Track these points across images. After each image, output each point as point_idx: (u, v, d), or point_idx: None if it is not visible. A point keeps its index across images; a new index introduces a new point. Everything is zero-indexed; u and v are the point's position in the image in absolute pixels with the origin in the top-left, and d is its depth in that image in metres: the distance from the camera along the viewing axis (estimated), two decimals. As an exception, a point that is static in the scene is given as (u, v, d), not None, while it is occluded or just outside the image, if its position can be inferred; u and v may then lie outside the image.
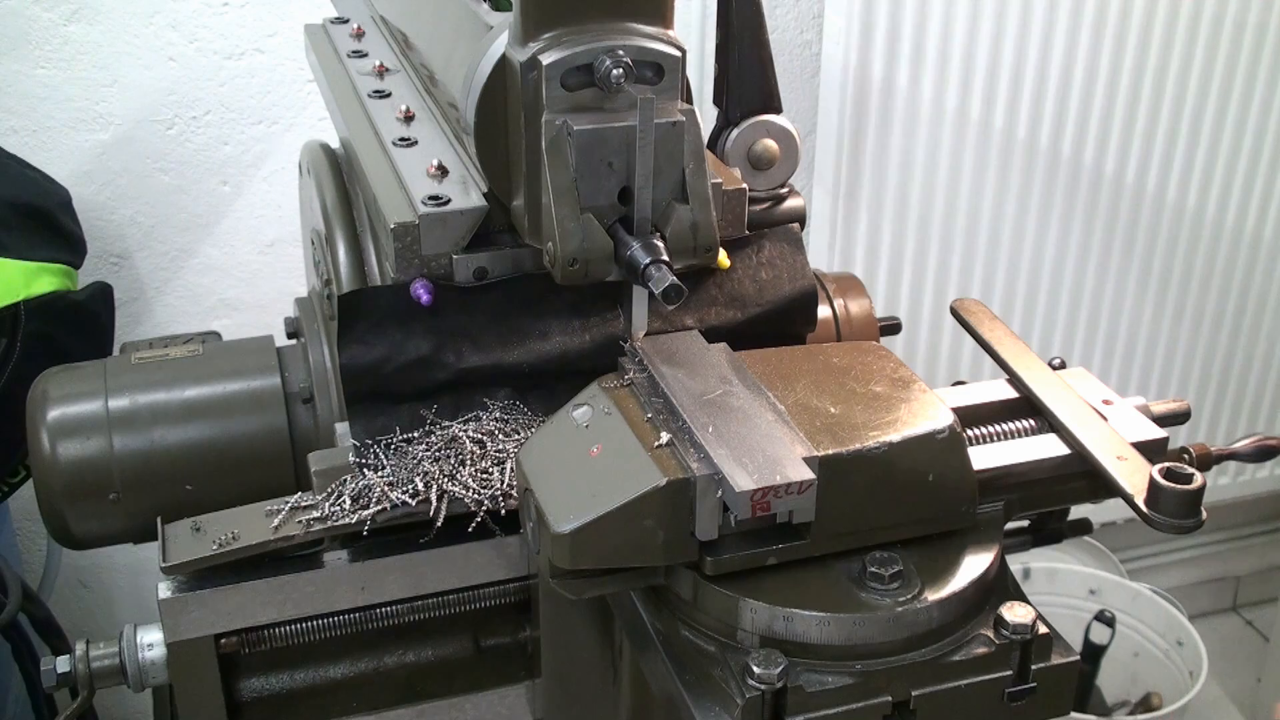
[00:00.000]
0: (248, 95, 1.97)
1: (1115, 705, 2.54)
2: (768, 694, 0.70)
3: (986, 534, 0.82)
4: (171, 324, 2.08)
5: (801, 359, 0.88)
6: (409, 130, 1.06)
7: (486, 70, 0.87)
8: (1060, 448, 0.89)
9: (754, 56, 1.06)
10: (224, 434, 1.04)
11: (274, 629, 0.95)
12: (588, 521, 0.74)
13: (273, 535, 0.90)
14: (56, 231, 1.69)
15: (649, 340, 0.91)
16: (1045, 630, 0.75)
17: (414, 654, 1.01)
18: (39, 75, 1.87)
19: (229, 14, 1.91)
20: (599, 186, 0.85)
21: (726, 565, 0.76)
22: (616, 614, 0.88)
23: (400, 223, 0.93)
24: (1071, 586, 2.60)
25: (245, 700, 0.99)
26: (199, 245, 2.05)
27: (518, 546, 0.95)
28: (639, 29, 0.85)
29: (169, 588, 0.91)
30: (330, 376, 1.07)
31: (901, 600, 0.75)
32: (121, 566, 2.24)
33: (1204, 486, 0.78)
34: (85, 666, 0.94)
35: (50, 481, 1.00)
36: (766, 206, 1.08)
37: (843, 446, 0.77)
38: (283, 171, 2.00)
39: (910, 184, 2.19)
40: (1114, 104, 2.23)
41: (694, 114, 0.87)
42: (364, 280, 1.06)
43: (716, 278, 1.00)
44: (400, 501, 0.90)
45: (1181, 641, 2.48)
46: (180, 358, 1.07)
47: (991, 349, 1.00)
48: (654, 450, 0.77)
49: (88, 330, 1.65)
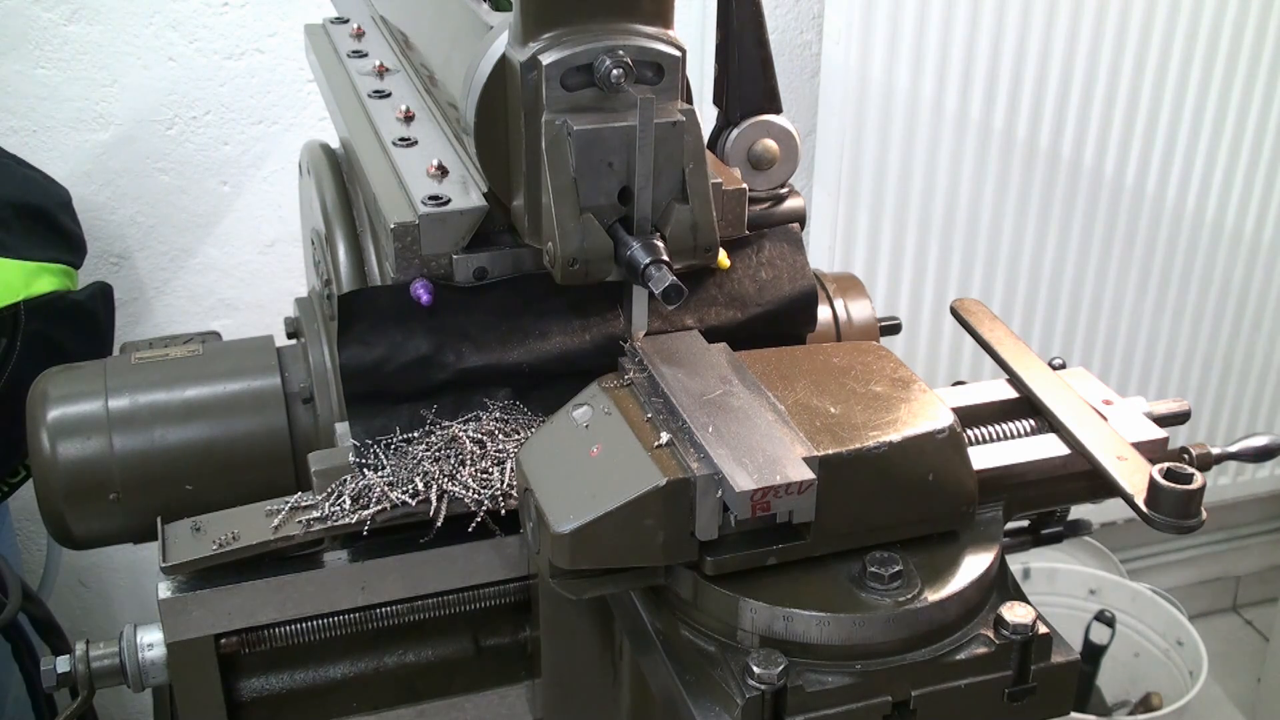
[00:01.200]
0: (248, 95, 1.97)
1: (1115, 705, 2.54)
2: (768, 694, 0.71)
3: (986, 534, 0.82)
4: (171, 324, 2.08)
5: (801, 359, 0.88)
6: (409, 130, 1.06)
7: (486, 70, 0.87)
8: (1060, 448, 0.89)
9: (754, 56, 1.06)
10: (224, 434, 1.04)
11: (274, 629, 0.95)
12: (588, 521, 0.74)
13: (273, 535, 0.90)
14: (56, 231, 1.69)
15: (649, 340, 0.91)
16: (1045, 630, 0.75)
17: (414, 654, 1.01)
18: (39, 75, 1.87)
19: (229, 14, 1.91)
20: (599, 186, 0.85)
21: (726, 565, 0.76)
22: (616, 614, 0.88)
23: (400, 223, 0.93)
24: (1071, 586, 2.60)
25: (245, 700, 0.99)
26: (199, 245, 2.05)
27: (518, 546, 0.95)
28: (639, 29, 0.85)
29: (169, 588, 0.91)
30: (330, 376, 1.07)
31: (901, 600, 0.75)
32: (121, 566, 2.24)
33: (1204, 486, 0.77)
34: (85, 666, 0.94)
35: (50, 481, 1.00)
36: (766, 206, 1.08)
37: (843, 446, 0.77)
38: (283, 171, 2.01)
39: (910, 184, 2.19)
40: (1114, 104, 2.23)
41: (694, 114, 0.87)
42: (364, 280, 1.06)
43: (716, 278, 1.00)
44: (400, 501, 0.90)
45: (1181, 641, 2.48)
46: (180, 358, 1.07)
47: (991, 349, 1.00)
48: (654, 450, 0.77)
49: (88, 330, 1.65)
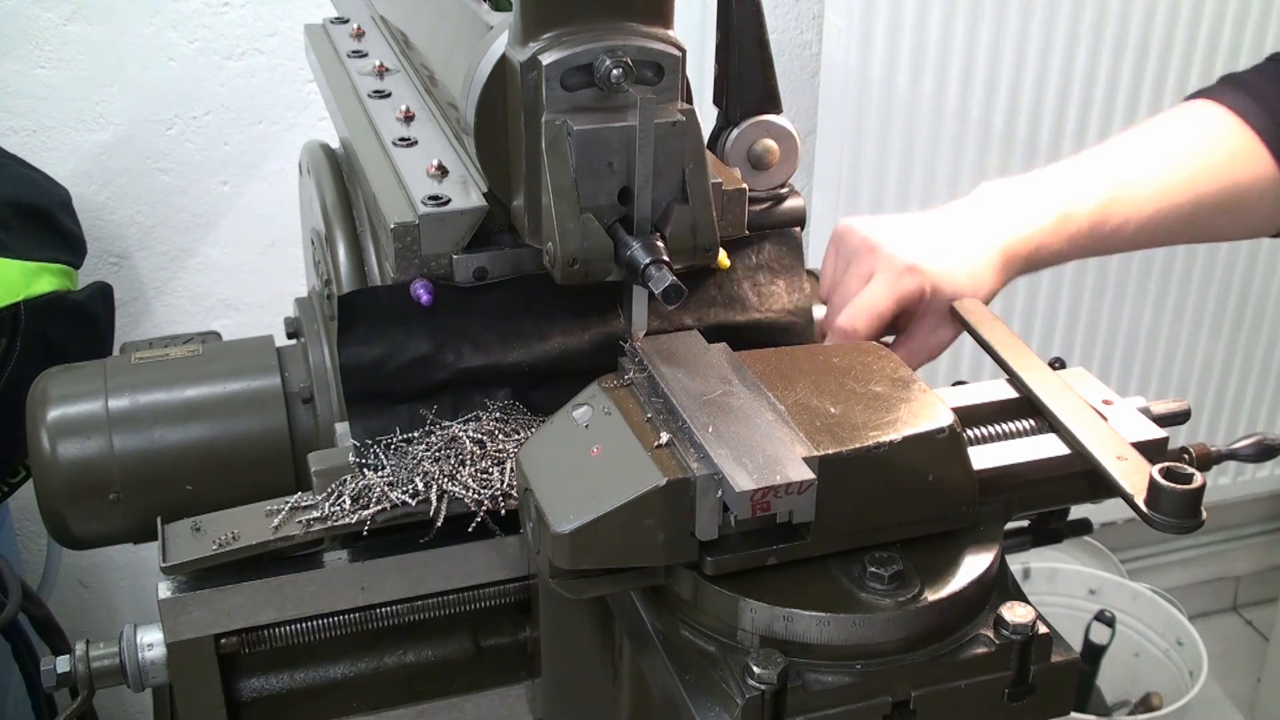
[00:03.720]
0: (248, 95, 1.97)
1: (1115, 705, 2.54)
2: (768, 694, 0.70)
3: (986, 534, 0.82)
4: (171, 324, 2.08)
5: (801, 359, 0.88)
6: (409, 130, 1.06)
7: (486, 70, 0.87)
8: (1060, 448, 0.89)
9: (754, 56, 1.06)
10: (224, 434, 1.03)
11: (274, 629, 0.94)
12: (588, 521, 0.74)
13: (273, 535, 0.90)
14: (56, 231, 1.69)
15: (649, 340, 0.91)
16: (1045, 630, 0.75)
17: (414, 654, 1.01)
18: (39, 75, 1.87)
19: (229, 14, 1.91)
20: (599, 186, 0.85)
21: (726, 565, 0.76)
22: (616, 614, 0.88)
23: (400, 223, 0.93)
24: (1071, 586, 2.60)
25: (245, 700, 0.99)
26: (199, 245, 2.05)
27: (518, 546, 0.95)
28: (639, 29, 0.85)
29: (169, 588, 0.91)
30: (330, 376, 1.07)
31: (901, 600, 0.75)
32: (121, 566, 2.24)
33: (1204, 486, 0.77)
34: (85, 666, 0.94)
35: (50, 481, 1.00)
36: (766, 206, 1.08)
37: (843, 446, 0.77)
38: (283, 171, 2.00)
39: (910, 184, 2.19)
40: (1114, 104, 2.23)
41: (694, 114, 0.87)
42: (364, 280, 1.06)
43: (716, 278, 1.01)
44: (400, 501, 0.90)
45: (1181, 641, 2.48)
46: (180, 358, 1.07)
47: (991, 349, 1.00)
48: (654, 450, 0.77)
49: (88, 330, 1.65)
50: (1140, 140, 1.22)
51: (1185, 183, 1.17)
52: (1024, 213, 1.14)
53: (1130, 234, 1.16)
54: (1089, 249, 1.16)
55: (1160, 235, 1.19)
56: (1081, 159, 1.21)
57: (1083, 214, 1.14)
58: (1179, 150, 1.20)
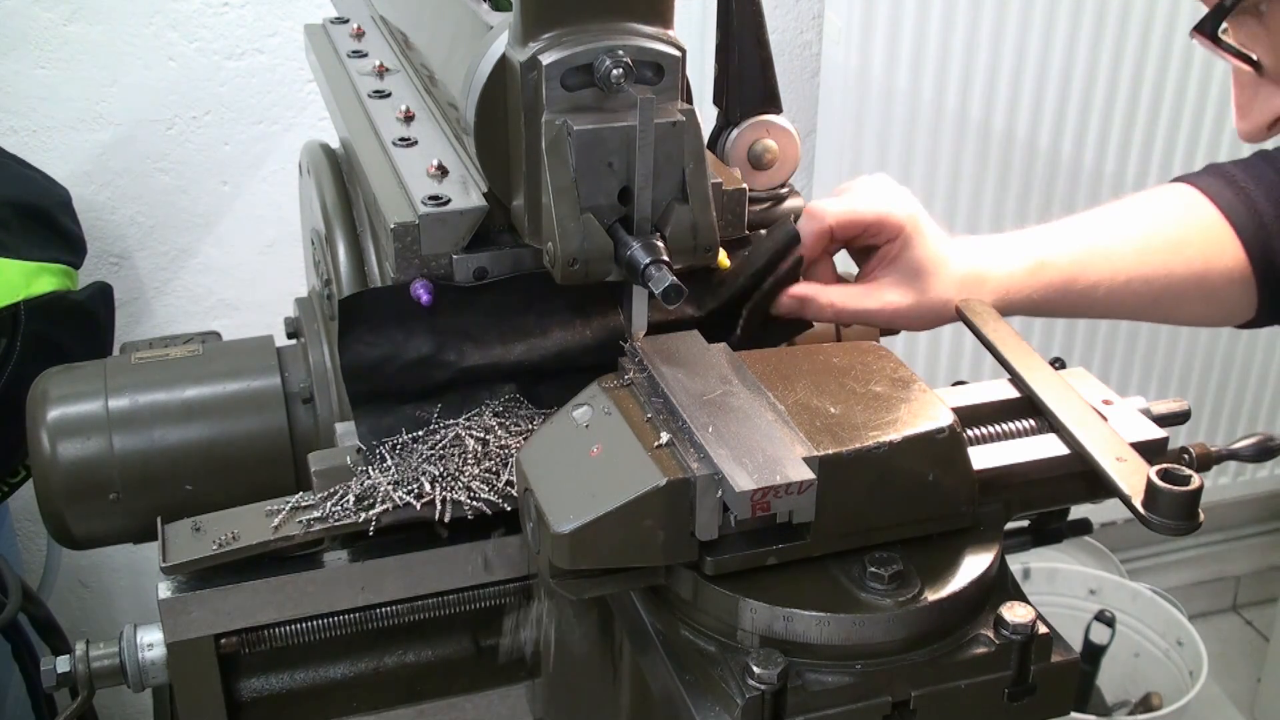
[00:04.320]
0: (248, 95, 1.97)
1: (1115, 705, 2.54)
2: (768, 694, 0.70)
3: (986, 534, 0.82)
4: (171, 324, 2.08)
5: (801, 359, 0.88)
6: (409, 130, 1.06)
7: (486, 70, 0.87)
8: (1060, 448, 0.89)
9: (754, 56, 1.06)
10: (224, 434, 1.04)
11: (274, 629, 0.94)
12: (588, 521, 0.74)
13: (273, 535, 0.90)
14: (56, 231, 1.69)
15: (649, 340, 0.91)
16: (1045, 630, 0.75)
17: (414, 654, 1.01)
18: (39, 75, 1.87)
19: (229, 14, 1.91)
20: (599, 186, 0.85)
21: (726, 565, 0.76)
22: (616, 614, 0.88)
23: (400, 223, 0.93)
24: (1071, 586, 2.60)
25: (245, 700, 0.99)
26: (199, 245, 2.05)
27: (518, 546, 0.95)
28: (639, 29, 0.85)
29: (169, 588, 0.91)
30: (330, 376, 1.07)
31: (901, 600, 0.75)
32: (121, 566, 2.24)
33: (1201, 488, 0.77)
34: (85, 666, 0.94)
35: (50, 481, 1.00)
36: (766, 206, 1.08)
37: (843, 446, 0.77)
38: (283, 171, 2.00)
39: (910, 184, 2.16)
40: (1114, 104, 2.23)
41: (694, 114, 0.87)
42: (364, 280, 1.06)
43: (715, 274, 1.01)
44: (404, 502, 0.90)
45: (1181, 641, 2.48)
46: (180, 358, 1.07)
47: (993, 348, 1.00)
48: (654, 450, 0.77)
49: (88, 330, 1.65)
50: (1121, 212, 1.24)
51: (1160, 259, 1.19)
52: (1002, 253, 1.14)
53: (1101, 297, 1.17)
54: (1058, 305, 1.17)
55: (1129, 306, 1.20)
56: (1062, 221, 1.22)
57: (1057, 266, 1.15)
58: (1157, 228, 1.22)
